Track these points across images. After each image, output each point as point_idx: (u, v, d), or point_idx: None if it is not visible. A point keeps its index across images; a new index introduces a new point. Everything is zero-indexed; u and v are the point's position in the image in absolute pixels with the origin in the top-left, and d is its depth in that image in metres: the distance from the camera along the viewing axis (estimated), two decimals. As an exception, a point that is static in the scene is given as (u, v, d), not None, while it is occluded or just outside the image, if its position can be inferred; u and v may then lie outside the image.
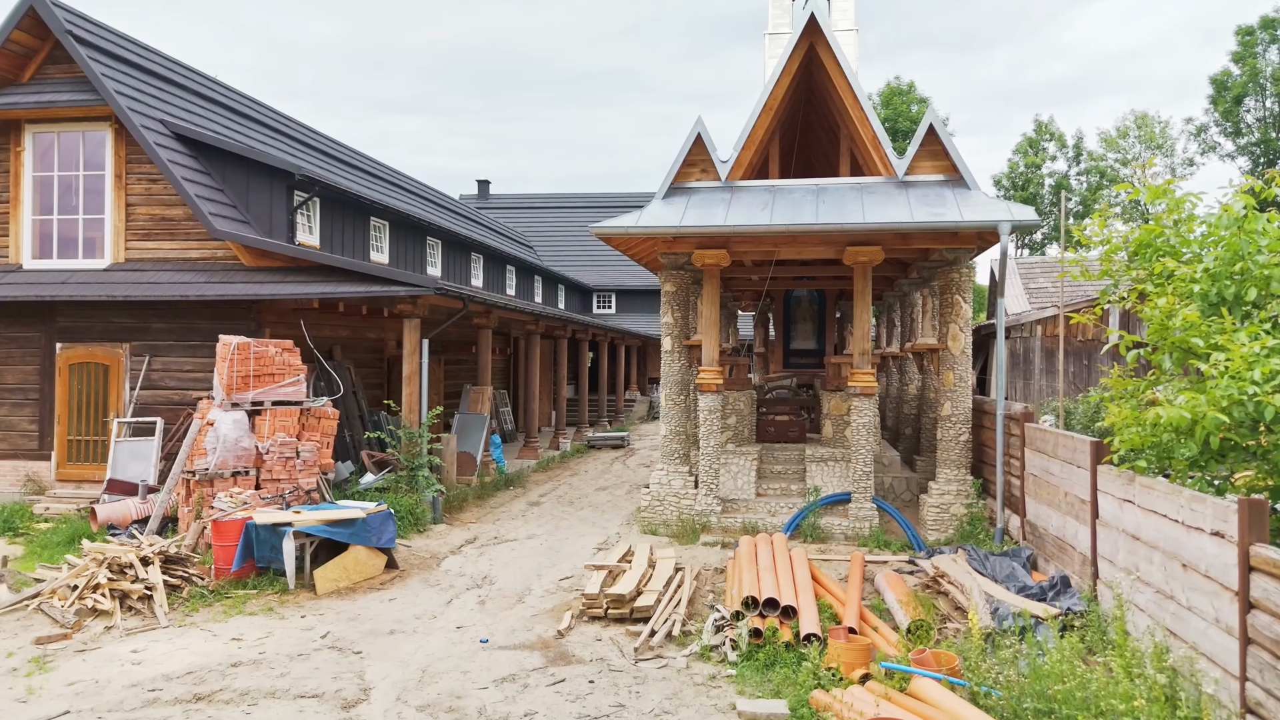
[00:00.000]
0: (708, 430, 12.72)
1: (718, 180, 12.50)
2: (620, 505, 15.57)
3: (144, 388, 14.13)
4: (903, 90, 47.21)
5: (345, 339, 16.79)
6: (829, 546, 11.91)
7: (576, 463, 21.72)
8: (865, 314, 12.39)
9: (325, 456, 12.80)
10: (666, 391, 13.45)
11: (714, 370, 12.73)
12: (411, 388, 13.86)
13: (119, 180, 14.37)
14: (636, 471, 20.15)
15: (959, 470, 12.30)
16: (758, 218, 11.25)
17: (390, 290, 12.88)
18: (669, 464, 13.38)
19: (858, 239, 12.17)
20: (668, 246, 12.93)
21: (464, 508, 14.87)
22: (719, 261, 12.60)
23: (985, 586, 8.50)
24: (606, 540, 12.63)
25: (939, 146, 11.87)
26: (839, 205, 11.44)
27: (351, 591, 10.00)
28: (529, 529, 13.50)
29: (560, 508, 15.36)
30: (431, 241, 22.46)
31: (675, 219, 11.43)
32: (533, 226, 45.61)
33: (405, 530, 12.60)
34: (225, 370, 12.14)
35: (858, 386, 12.27)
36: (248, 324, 13.83)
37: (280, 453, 12.14)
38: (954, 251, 12.27)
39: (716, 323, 12.70)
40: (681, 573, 10.10)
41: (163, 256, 14.34)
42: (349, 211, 17.64)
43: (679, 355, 13.42)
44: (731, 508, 13.00)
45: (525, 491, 17.07)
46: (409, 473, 13.45)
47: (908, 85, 47.56)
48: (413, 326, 13.87)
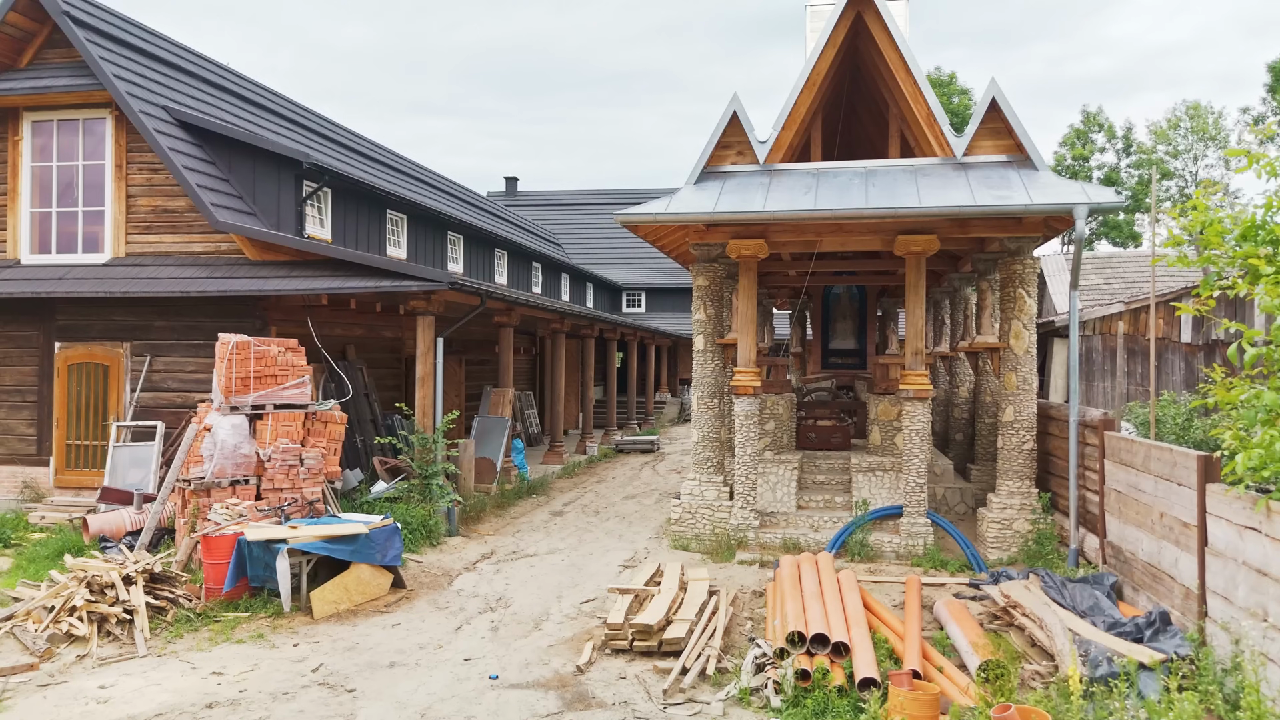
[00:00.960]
0: (744, 437, 11.72)
1: (755, 163, 11.49)
2: (649, 516, 14.61)
3: (145, 389, 13.42)
4: (944, 82, 45.71)
5: (359, 338, 16.00)
6: (879, 566, 10.84)
7: (603, 468, 20.79)
8: (918, 310, 11.31)
9: (332, 464, 11.98)
10: (699, 394, 12.46)
11: (750, 372, 11.72)
12: (425, 390, 13.01)
13: (119, 170, 13.68)
14: (666, 478, 19.18)
15: (1022, 482, 11.18)
16: (800, 203, 10.23)
17: (401, 285, 12.02)
18: (701, 473, 12.39)
19: (910, 227, 11.10)
20: (700, 237, 11.94)
21: (482, 518, 13.99)
22: (756, 253, 11.59)
23: (1069, 621, 7.41)
24: (634, 556, 11.67)
25: (1002, 123, 10.76)
26: (890, 189, 10.38)
27: (352, 615, 9.13)
28: (550, 542, 12.58)
29: (585, 518, 14.43)
30: (453, 237, 21.66)
31: (709, 205, 10.45)
32: (561, 224, 44.81)
33: (417, 544, 11.75)
34: (224, 371, 11.35)
35: (910, 389, 11.19)
36: (253, 322, 13.06)
37: (283, 460, 11.33)
38: (1017, 241, 11.15)
39: (754, 320, 11.69)
40: (716, 597, 9.11)
41: (164, 251, 13.62)
42: (364, 204, 16.85)
43: (712, 355, 12.43)
44: (770, 522, 11.98)
45: (548, 500, 16.16)
46: (422, 481, 12.59)
47: (949, 77, 46.06)
48: (426, 324, 13.02)
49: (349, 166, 17.48)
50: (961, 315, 15.81)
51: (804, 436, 13.72)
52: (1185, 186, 49.39)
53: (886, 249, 12.35)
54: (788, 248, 12.84)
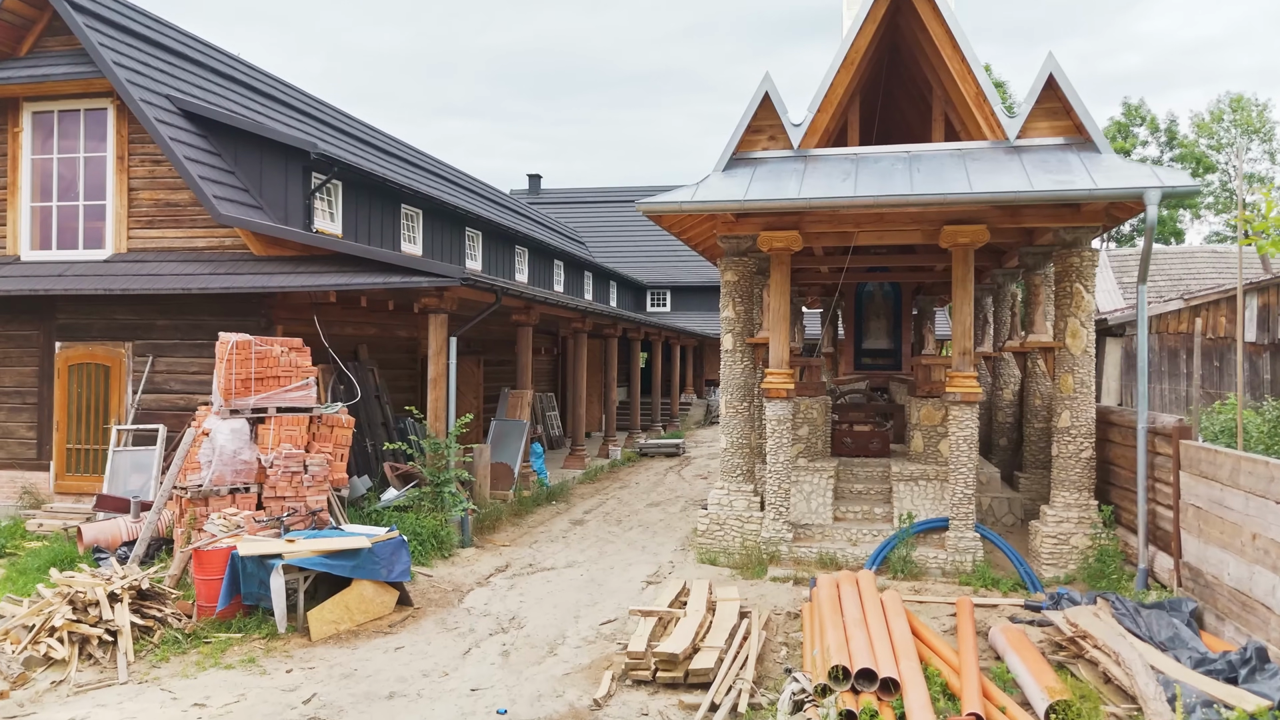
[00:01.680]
0: (776, 443, 10.95)
1: (789, 149, 10.72)
2: (674, 525, 13.87)
3: (146, 391, 12.89)
4: (977, 73, 44.46)
5: (372, 338, 15.41)
6: (924, 584, 10.03)
7: (627, 473, 20.08)
8: (966, 307, 10.49)
9: (339, 470, 11.36)
10: (727, 397, 11.71)
11: (783, 373, 10.96)
12: (438, 392, 12.36)
13: (121, 162, 13.17)
14: (692, 484, 18.43)
15: (1080, 493, 10.32)
16: (838, 190, 9.45)
17: (411, 281, 11.38)
18: (730, 481, 11.63)
19: (957, 216, 10.28)
20: (729, 228, 11.19)
21: (498, 527, 13.33)
22: (789, 245, 10.83)
23: (1149, 656, 6.59)
24: (658, 571, 10.94)
25: (1059, 103, 9.91)
26: (937, 174, 9.57)
27: (353, 636, 8.48)
28: (569, 554, 11.88)
29: (606, 527, 13.72)
30: (471, 233, 21.04)
31: (738, 192, 9.70)
32: (584, 222, 44.18)
33: (427, 555, 11.10)
34: (223, 372, 10.77)
35: (957, 393, 10.37)
36: (257, 320, 12.49)
37: (285, 467, 10.72)
38: (1073, 231, 10.30)
39: (786, 317, 10.93)
40: (747, 620, 8.36)
41: (166, 246, 13.09)
42: (377, 198, 16.26)
43: (742, 355, 11.67)
44: (804, 534, 11.21)
45: (568, 507, 15.47)
46: (433, 489, 11.94)
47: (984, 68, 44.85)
48: (439, 323, 12.37)
49: (360, 158, 16.90)
50: (1007, 313, 14.93)
51: (839, 442, 12.92)
52: (1228, 181, 47.85)
53: (928, 242, 11.54)
54: (822, 241, 12.06)
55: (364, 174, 14.96)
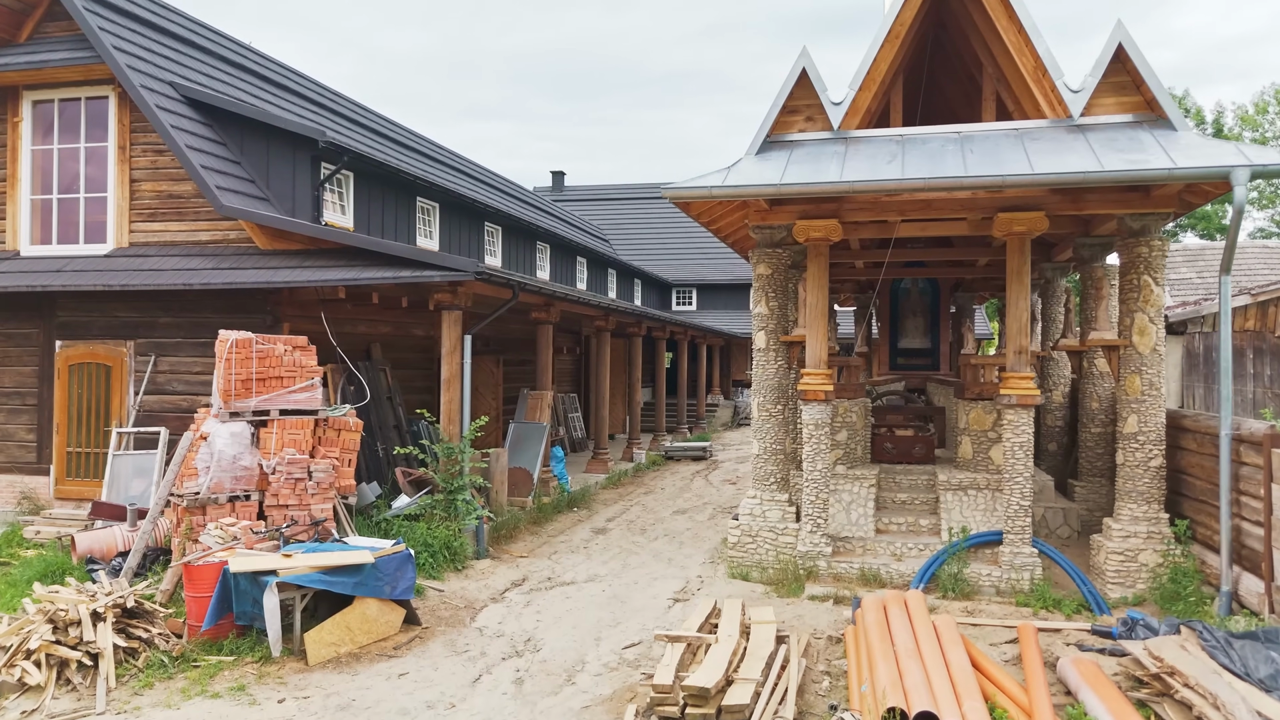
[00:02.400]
0: (813, 449, 10.17)
1: (828, 130, 9.94)
2: (702, 535, 13.12)
3: (148, 392, 12.35)
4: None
5: (386, 336, 14.80)
6: (977, 605, 9.21)
7: (652, 477, 19.35)
8: (1022, 301, 9.65)
9: (346, 477, 10.73)
10: (759, 399, 10.95)
11: (821, 374, 10.17)
12: (451, 393, 11.70)
13: (122, 153, 12.64)
14: (721, 489, 17.66)
15: (1148, 505, 9.46)
16: (883, 172, 8.65)
17: (422, 276, 10.72)
18: (763, 490, 10.87)
19: (1013, 202, 9.46)
20: (762, 217, 10.43)
21: (516, 536, 12.65)
22: (828, 235, 10.05)
23: (1253, 699, 5.75)
24: (685, 587, 10.20)
25: (1129, 76, 9.05)
26: (993, 155, 8.75)
27: (354, 660, 7.82)
28: (591, 566, 11.17)
29: (630, 537, 13.00)
30: (491, 228, 20.41)
31: (774, 176, 8.93)
32: (608, 219, 43.51)
33: (439, 568, 10.44)
34: (223, 373, 10.17)
35: (1013, 395, 9.54)
36: (263, 317, 11.91)
37: (288, 473, 10.11)
38: (1141, 218, 9.43)
39: (824, 313, 10.15)
40: (785, 646, 7.61)
41: (169, 240, 12.54)
42: (390, 190, 15.65)
43: (775, 354, 10.90)
44: (844, 548, 10.42)
45: (591, 514, 14.77)
46: (446, 496, 11.28)
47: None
48: (453, 320, 11.72)
49: (373, 148, 16.28)
50: (1059, 310, 14.06)
51: (880, 448, 12.10)
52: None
53: (977, 233, 10.73)
54: (860, 232, 11.28)
55: (377, 165, 14.34)
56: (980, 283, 21.37)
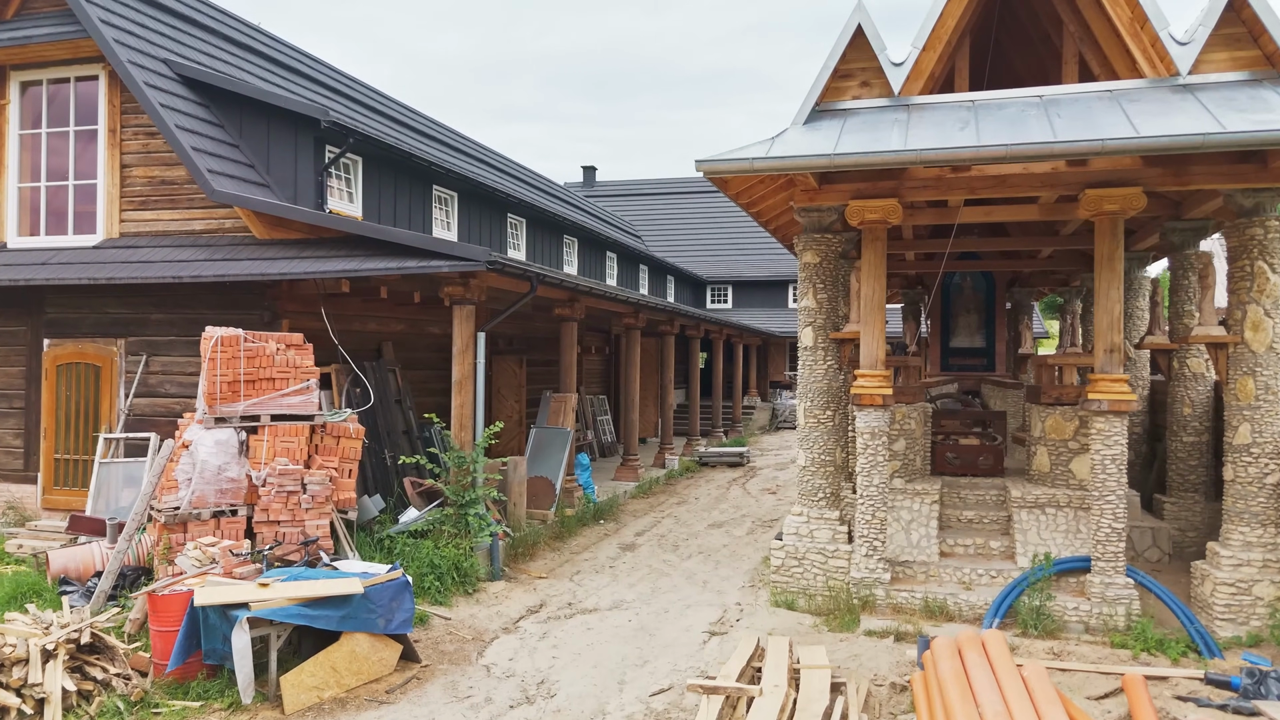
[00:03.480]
0: (869, 461, 8.99)
1: (886, 96, 8.75)
2: (740, 553, 11.97)
3: (139, 394, 11.48)
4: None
5: (399, 334, 13.84)
6: (1064, 645, 7.97)
7: (685, 485, 18.22)
8: (1114, 291, 8.39)
9: (345, 489, 9.75)
10: (806, 404, 9.79)
11: (878, 375, 8.99)
12: (463, 397, 10.68)
13: (113, 136, 11.79)
14: (760, 500, 16.49)
15: (1264, 528, 8.16)
16: (956, 139, 7.46)
17: (428, 266, 9.71)
18: (810, 506, 9.71)
19: (1103, 177, 8.21)
20: (809, 197, 9.27)
21: (535, 553, 11.60)
22: (885, 217, 8.87)
23: None
24: (723, 617, 9.06)
25: (1245, 26, 7.76)
26: (1085, 119, 7.51)
27: (339, 707, 6.80)
28: (616, 590, 10.08)
29: (661, 554, 11.89)
30: (514, 220, 19.42)
31: (825, 145, 7.76)
32: (641, 215, 42.45)
33: (447, 592, 9.42)
34: (208, 373, 9.24)
35: (1103, 400, 8.28)
36: (260, 313, 11.00)
37: (279, 485, 9.15)
38: (1255, 195, 8.14)
39: (882, 306, 8.96)
40: (843, 699, 6.46)
41: (161, 230, 11.67)
42: (404, 177, 14.69)
43: (824, 353, 9.74)
44: (904, 574, 9.22)
45: (618, 527, 13.68)
46: (457, 511, 10.26)
47: None
48: (465, 315, 10.70)
49: (383, 132, 15.32)
50: (1144, 303, 12.74)
51: (941, 458, 10.88)
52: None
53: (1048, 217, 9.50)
54: (916, 217, 10.05)
55: (387, 148, 13.38)
56: (1039, 276, 20.00)
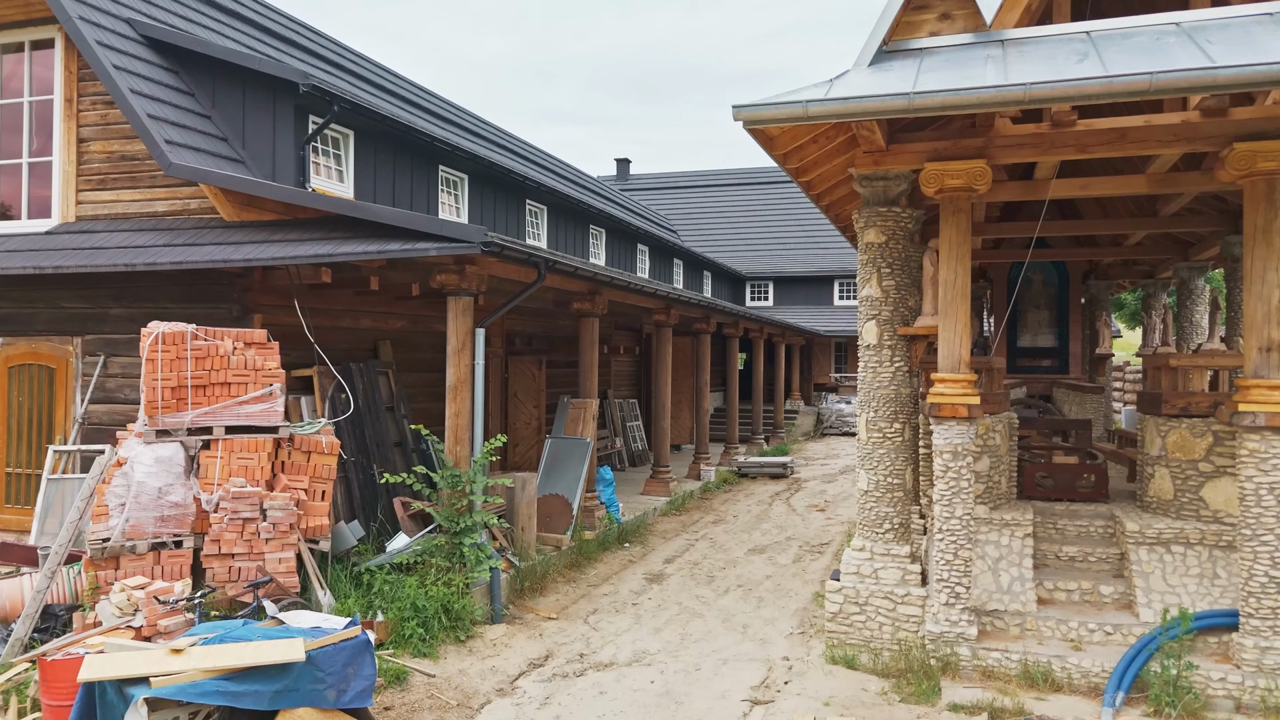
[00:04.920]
0: (951, 487, 7.30)
1: (974, 30, 7.06)
2: (786, 586, 10.32)
3: (96, 400, 10.14)
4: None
5: (398, 332, 12.40)
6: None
7: (722, 500, 16.57)
8: (1271, 271, 6.64)
9: (317, 514, 8.28)
10: (869, 414, 8.12)
11: (962, 380, 7.30)
12: (459, 404, 9.17)
13: (69, 106, 10.48)
14: (807, 518, 14.79)
15: None
16: (1073, 71, 5.74)
17: (412, 249, 8.19)
18: (874, 540, 8.05)
19: (1258, 127, 6.46)
20: (874, 161, 7.61)
21: (546, 587, 10.05)
22: (970, 183, 7.19)
23: None
24: (768, 678, 7.43)
25: None
26: (1247, 44, 5.77)
27: (269, 811, 5.29)
28: (638, 637, 8.48)
29: (693, 588, 10.28)
30: (534, 208, 17.92)
31: (901, 84, 6.10)
32: (676, 209, 40.84)
33: (434, 641, 7.90)
34: (147, 377, 7.82)
35: (1259, 413, 6.53)
36: (230, 307, 9.60)
37: (234, 511, 7.70)
38: None
39: (967, 295, 7.28)
40: (934, 820, 4.79)
41: (121, 212, 10.32)
42: (404, 155, 13.25)
43: (891, 353, 8.07)
44: (994, 627, 7.51)
45: (645, 552, 12.09)
46: (450, 539, 8.75)
47: None
48: (461, 308, 9.19)
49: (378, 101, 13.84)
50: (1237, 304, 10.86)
51: (1029, 480, 9.13)
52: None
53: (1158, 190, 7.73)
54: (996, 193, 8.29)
55: (381, 120, 11.93)
56: (1117, 268, 18.10)
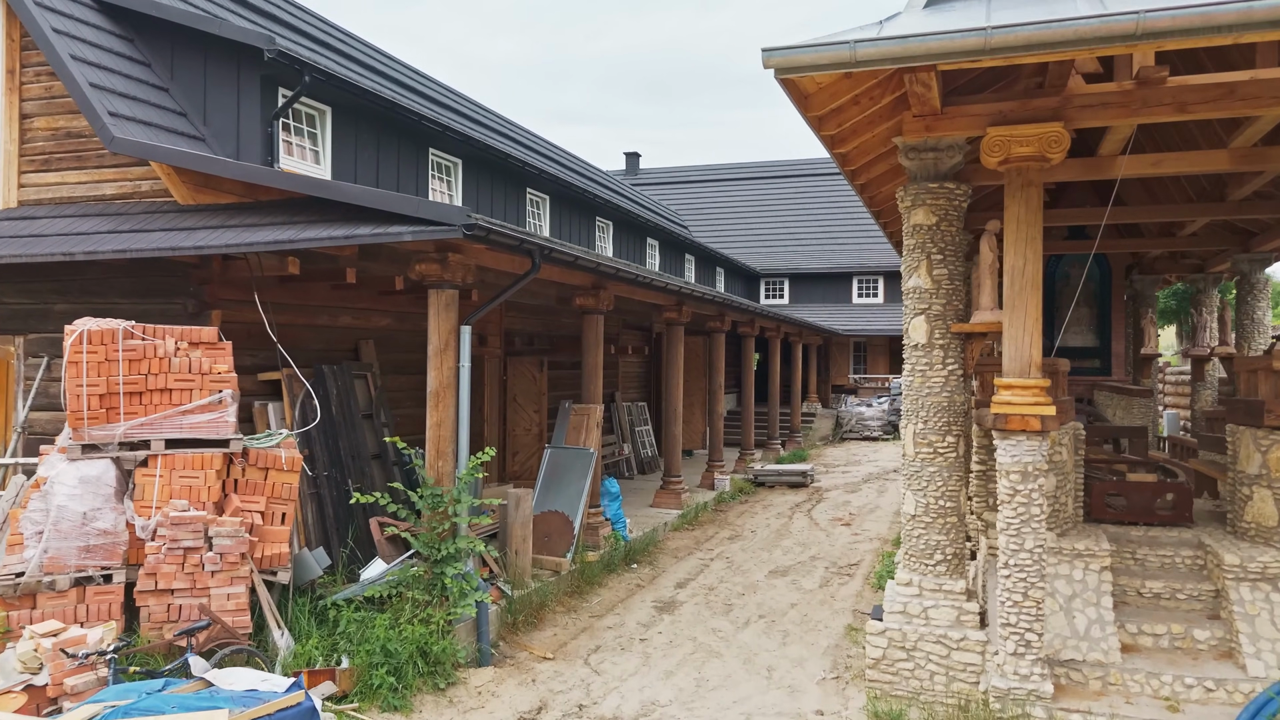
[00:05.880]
0: (1019, 514, 6.16)
1: (1051, -36, 5.91)
2: (815, 617, 9.18)
3: (39, 407, 9.12)
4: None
5: (383, 331, 11.34)
6: (1359, 824, 5.07)
7: (738, 513, 15.44)
8: None
9: (275, 540, 7.21)
10: (917, 425, 6.98)
11: (1033, 388, 6.16)
12: (441, 413, 8.08)
13: (11, 79, 9.44)
14: (831, 534, 13.64)
15: None
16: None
17: (383, 234, 7.10)
18: (923, 572, 6.92)
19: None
20: (925, 127, 6.49)
21: (542, 618, 8.95)
22: (1043, 150, 6.07)
23: None
24: (799, 740, 6.30)
25: None
26: None
27: None
28: (646, 682, 7.37)
29: (709, 618, 9.16)
30: (535, 197, 16.83)
31: (975, 18, 4.96)
32: (687, 204, 39.73)
33: (407, 690, 6.81)
34: (70, 382, 6.76)
35: (1406, 427, 5.34)
36: (185, 301, 8.55)
37: (173, 539, 6.63)
38: None
39: (1038, 285, 6.14)
40: None
41: (67, 195, 9.28)
42: (390, 135, 12.17)
43: (943, 353, 6.94)
44: (1070, 680, 6.36)
45: (655, 575, 10.98)
46: (431, 568, 7.66)
47: None
48: (443, 303, 8.10)
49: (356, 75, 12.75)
50: None
51: (1097, 500, 7.97)
52: None
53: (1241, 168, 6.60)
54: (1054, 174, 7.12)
55: (362, 95, 10.86)
56: (1163, 261, 16.91)
